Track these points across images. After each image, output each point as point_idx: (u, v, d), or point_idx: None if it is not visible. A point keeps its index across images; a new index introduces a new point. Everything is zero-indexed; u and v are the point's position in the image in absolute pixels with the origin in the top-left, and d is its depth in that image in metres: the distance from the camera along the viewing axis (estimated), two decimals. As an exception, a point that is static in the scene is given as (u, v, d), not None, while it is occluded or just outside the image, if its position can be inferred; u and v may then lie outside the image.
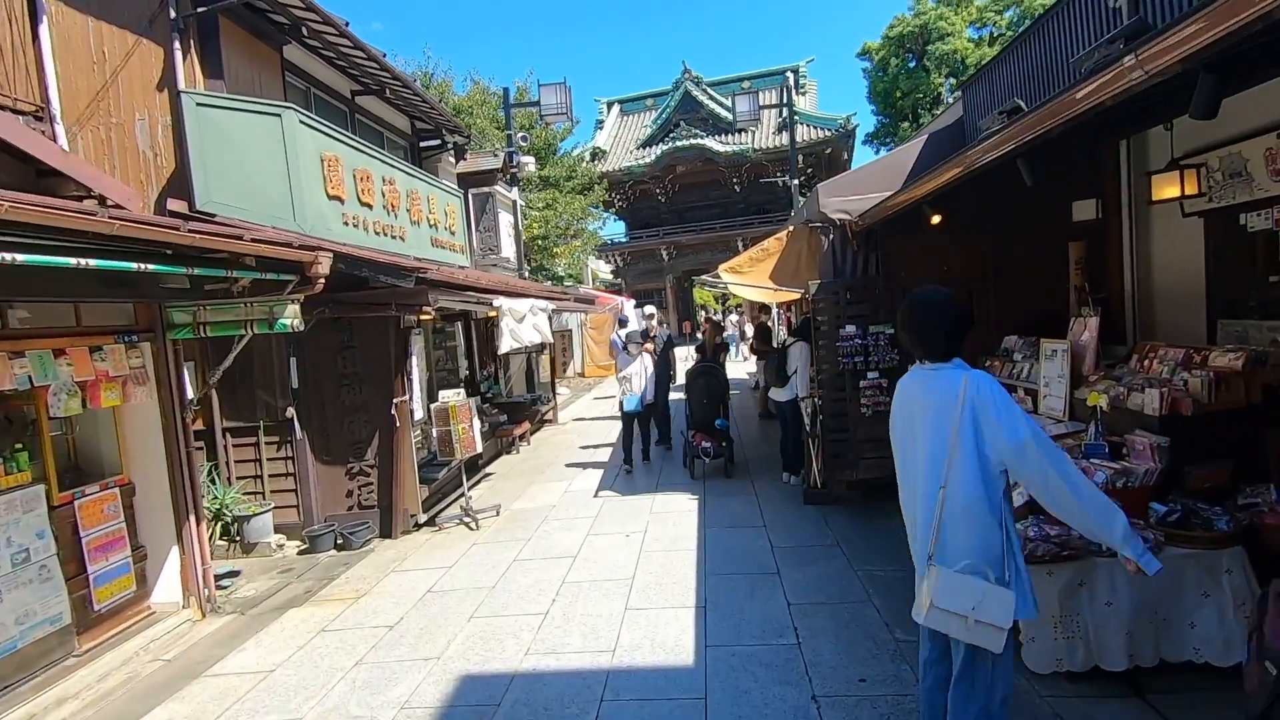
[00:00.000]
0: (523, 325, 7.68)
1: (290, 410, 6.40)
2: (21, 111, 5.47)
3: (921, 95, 29.84)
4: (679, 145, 29.17)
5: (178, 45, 6.19)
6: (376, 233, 8.00)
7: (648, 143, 31.34)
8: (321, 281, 4.93)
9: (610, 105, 35.26)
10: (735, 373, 14.17)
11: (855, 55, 33.08)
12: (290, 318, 4.75)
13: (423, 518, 6.63)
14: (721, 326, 9.29)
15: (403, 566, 5.66)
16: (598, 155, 29.66)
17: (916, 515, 2.59)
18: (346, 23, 7.64)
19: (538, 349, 12.25)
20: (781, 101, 22.06)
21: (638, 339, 8.04)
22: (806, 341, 6.61)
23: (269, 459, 6.53)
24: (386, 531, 6.50)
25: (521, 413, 10.86)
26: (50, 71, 5.85)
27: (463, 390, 6.62)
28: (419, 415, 6.62)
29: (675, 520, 6.09)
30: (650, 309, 8.81)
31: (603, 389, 17.74)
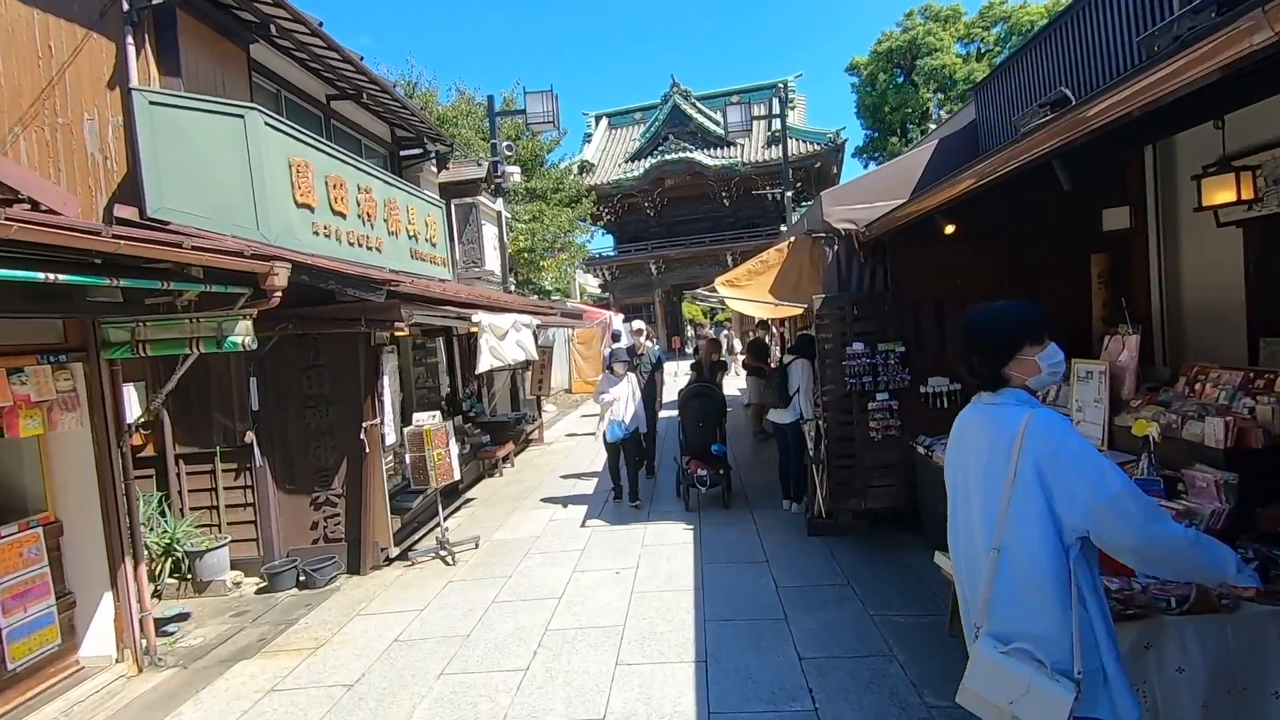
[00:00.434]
0: (505, 342, 7.21)
1: (250, 435, 5.87)
2: (-53, 107, 4.97)
3: (910, 110, 29.81)
4: (668, 158, 28.90)
5: (131, 40, 5.73)
6: (351, 243, 7.54)
7: (636, 156, 31.07)
8: (278, 295, 4.44)
9: (598, 119, 35.03)
10: (725, 390, 13.74)
11: (844, 70, 33.13)
12: (241, 335, 4.26)
13: (394, 551, 6.10)
14: (719, 342, 8.83)
15: (369, 609, 5.13)
16: (585, 169, 29.31)
17: (964, 578, 2.14)
18: (320, 22, 7.19)
19: (522, 366, 11.76)
20: (772, 113, 21.84)
21: (623, 356, 7.43)
22: (807, 358, 6.18)
23: (226, 488, 5.99)
24: (355, 567, 5.96)
25: (505, 433, 10.34)
26: (-14, 65, 5.37)
27: (438, 413, 6.13)
28: (391, 440, 6.12)
29: (669, 554, 5.61)
30: (638, 323, 8.23)
31: (590, 406, 17.23)
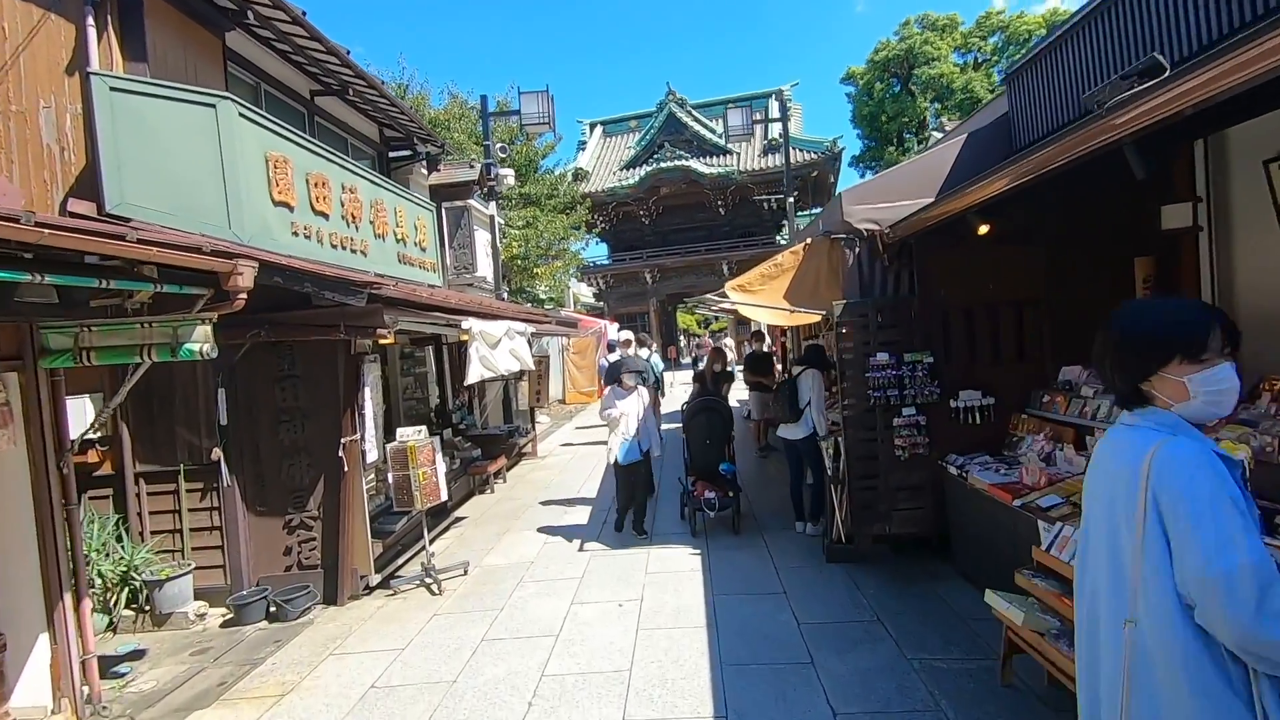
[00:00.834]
0: (497, 351, 6.74)
1: (217, 451, 5.37)
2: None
3: (907, 119, 29.62)
4: (663, 166, 28.57)
5: (92, 21, 5.29)
6: (333, 245, 7.06)
7: (631, 164, 30.73)
8: (242, 298, 3.96)
9: (593, 126, 34.72)
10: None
11: (839, 80, 32.95)
12: (199, 342, 3.78)
13: (375, 579, 5.59)
14: (722, 352, 8.38)
15: (345, 646, 4.61)
16: (580, 176, 28.95)
17: (1084, 658, 1.68)
18: (303, 11, 6.75)
19: (515, 376, 11.27)
20: (768, 118, 21.55)
21: (635, 366, 6.65)
22: (817, 369, 5.73)
23: (191, 510, 5.47)
24: (331, 596, 5.45)
25: (498, 446, 9.85)
26: (-75, 44, 4.90)
27: (424, 428, 5.64)
28: (373, 457, 5.62)
29: (676, 584, 5.12)
30: (625, 334, 7.70)
31: (584, 417, 16.76)
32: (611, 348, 15.36)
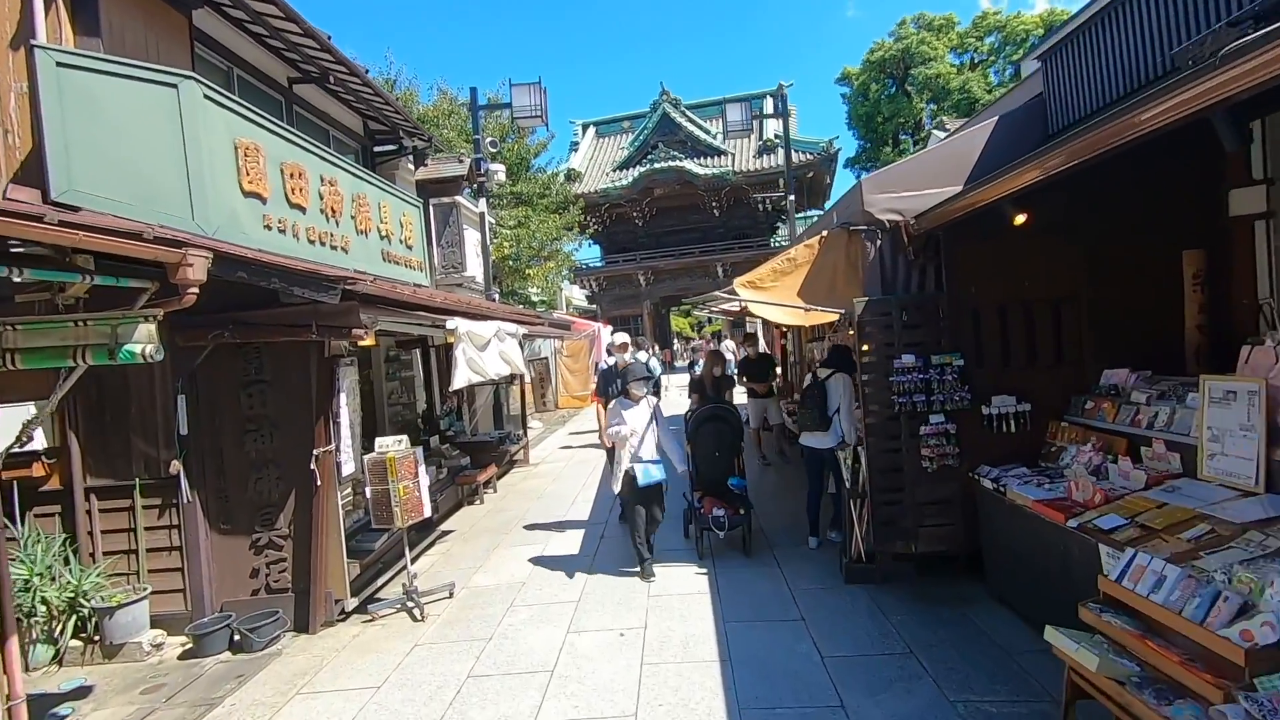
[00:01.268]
0: (486, 353, 6.27)
1: (176, 464, 4.87)
2: None
3: (903, 120, 29.35)
4: (657, 167, 28.16)
5: (39, -9, 4.80)
6: (311, 241, 6.60)
7: (625, 165, 30.31)
8: (193, 292, 3.50)
9: (585, 127, 34.29)
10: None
11: (835, 80, 32.69)
12: (142, 343, 3.30)
13: (352, 603, 5.10)
14: (721, 355, 7.93)
15: (315, 683, 4.13)
16: (572, 177, 28.49)
17: None
18: (279, -10, 6.29)
19: (506, 381, 10.80)
20: (765, 113, 21.18)
21: (641, 373, 5.62)
22: (846, 372, 5.30)
23: (148, 529, 4.97)
24: (303, 623, 4.96)
25: (488, 454, 9.37)
26: None
27: (405, 438, 5.16)
28: (349, 470, 5.14)
29: (683, 609, 4.66)
30: (621, 336, 7.11)
31: (578, 422, 16.29)
32: (609, 351, 14.86)
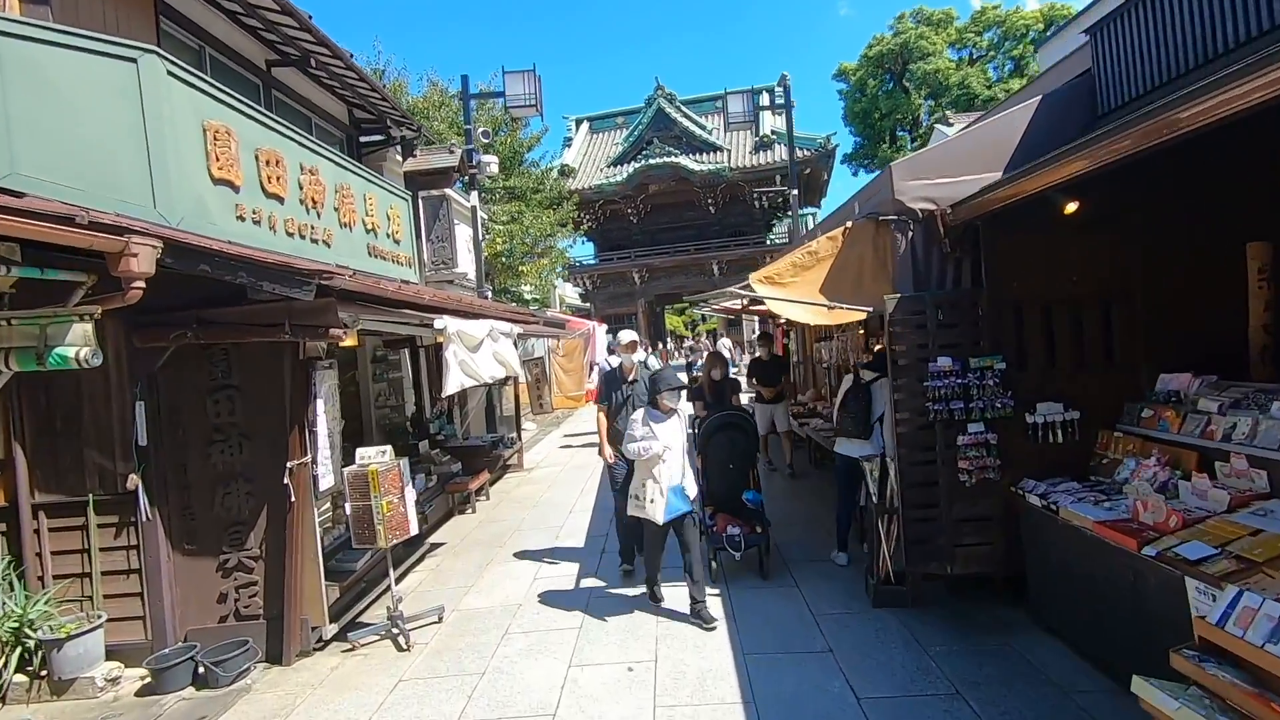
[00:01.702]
0: (479, 354, 5.81)
1: (134, 478, 4.39)
2: None
3: (901, 116, 29.00)
4: (652, 163, 27.68)
5: (-22, -48, 4.30)
6: (289, 233, 6.14)
7: (619, 160, 29.84)
8: (138, 287, 3.04)
9: (579, 123, 33.80)
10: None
11: (831, 76, 32.30)
12: (75, 346, 2.84)
13: (330, 630, 4.64)
14: (721, 356, 7.46)
15: (286, 727, 3.67)
16: (566, 173, 27.99)
17: None
18: (252, -40, 5.81)
19: (500, 382, 10.33)
20: (760, 106, 20.70)
21: (675, 382, 4.61)
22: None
23: (103, 549, 4.48)
24: (275, 653, 4.49)
25: (480, 459, 8.89)
26: None
27: (388, 448, 4.70)
28: (328, 483, 4.67)
29: (697, 639, 4.22)
30: (629, 334, 6.28)
31: (573, 424, 15.84)
32: (611, 350, 14.38)
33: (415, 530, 4.74)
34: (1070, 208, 3.89)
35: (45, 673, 4.24)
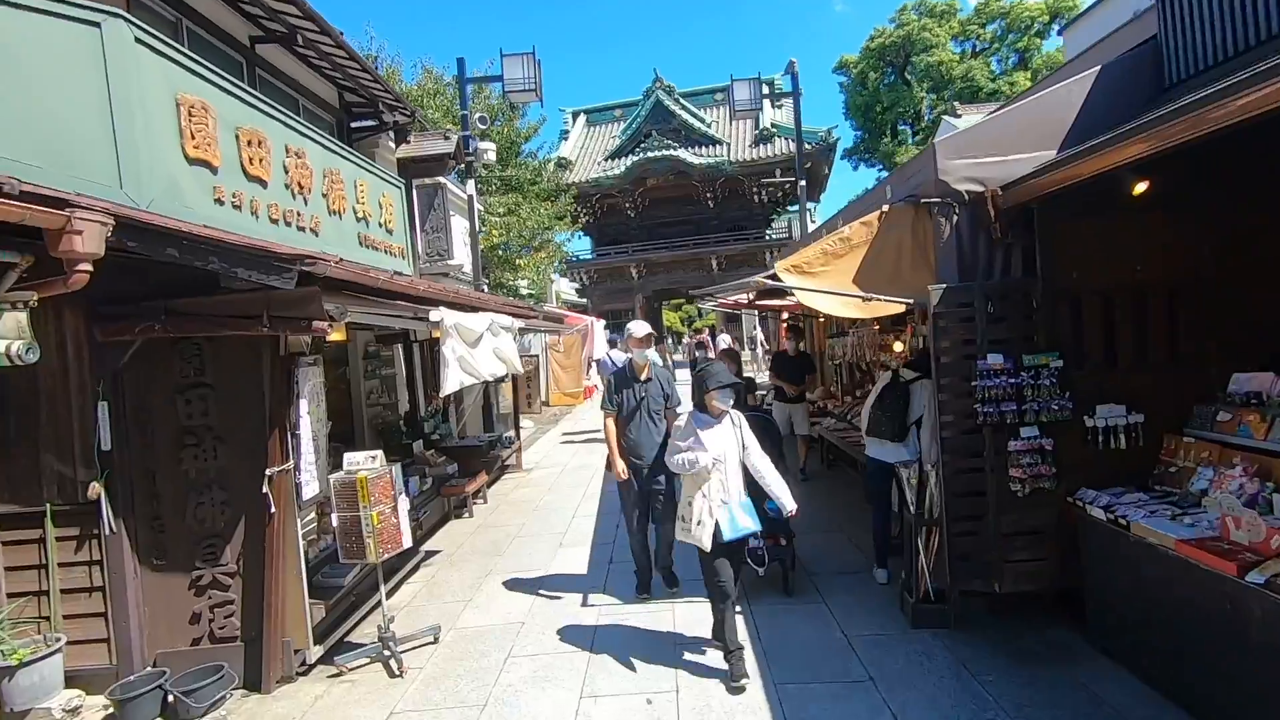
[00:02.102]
0: (479, 350, 5.39)
1: (97, 487, 3.96)
2: None
3: (903, 110, 28.61)
4: (650, 156, 27.22)
5: (-82, -100, 3.84)
6: (273, 219, 5.75)
7: (617, 154, 29.36)
8: (84, 269, 2.61)
9: (576, 115, 33.29)
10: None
11: (832, 70, 31.89)
12: (7, 339, 2.42)
13: (315, 652, 4.22)
14: (735, 353, 7.03)
15: (262, 770, 3.26)
16: (563, 166, 27.53)
17: None
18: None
19: (500, 379, 9.90)
20: (758, 97, 20.34)
21: (725, 379, 3.85)
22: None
23: (62, 565, 4.05)
24: (254, 679, 4.08)
25: (477, 460, 8.47)
26: None
27: (379, 453, 4.27)
28: (312, 492, 4.25)
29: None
30: (642, 327, 5.09)
31: (571, 422, 15.43)
32: (614, 344, 13.88)
33: (408, 543, 4.33)
34: (1139, 188, 3.49)
35: (-5, 703, 3.81)
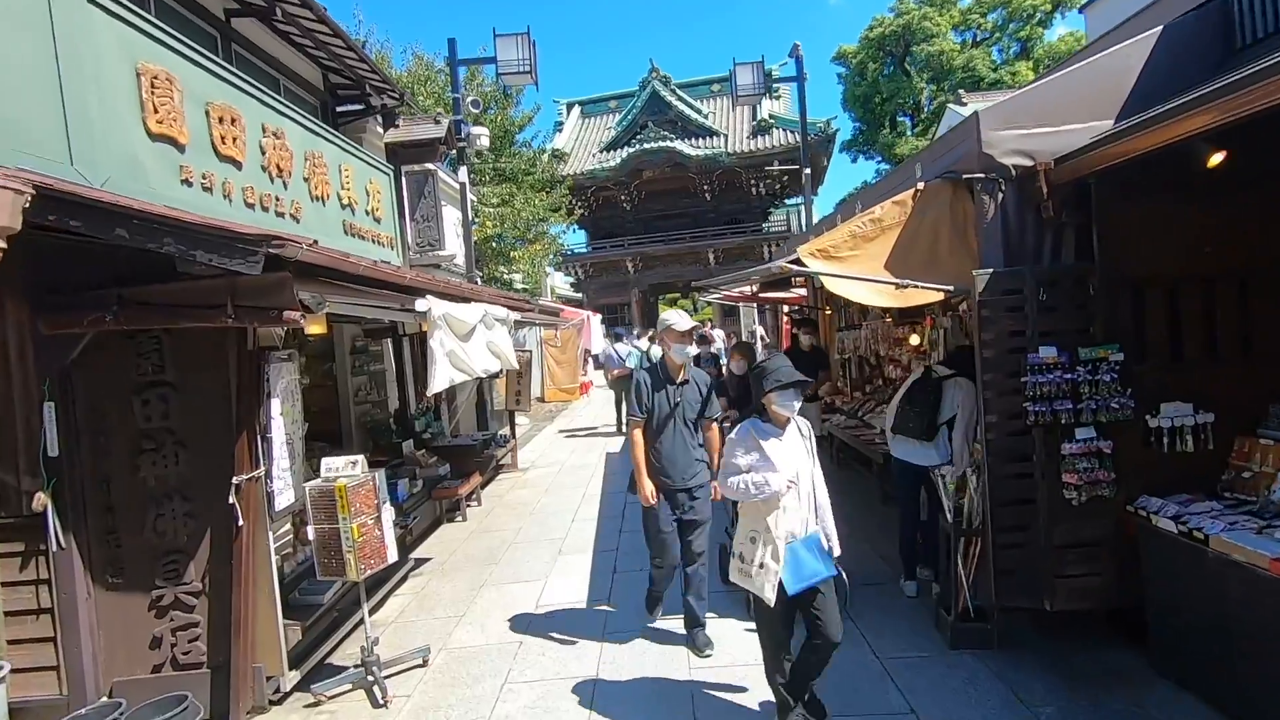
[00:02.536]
0: (470, 344, 4.99)
1: (43, 498, 3.52)
2: None
3: (903, 100, 28.24)
4: (647, 148, 26.77)
5: None
6: (249, 204, 5.34)
7: (612, 145, 28.89)
8: (-5, 246, 2.18)
9: (570, 106, 32.79)
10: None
11: (830, 60, 31.48)
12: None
13: (291, 678, 3.81)
14: (751, 347, 6.61)
15: (224, 823, 2.85)
16: (558, 157, 27.06)
17: None
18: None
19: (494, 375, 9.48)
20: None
21: (794, 376, 3.05)
22: (970, 377, 4.05)
23: (5, 585, 3.62)
24: (222, 710, 3.66)
25: (470, 460, 8.07)
26: None
27: (360, 458, 3.85)
28: (286, 500, 3.83)
29: (743, 696, 3.43)
30: (681, 320, 4.03)
31: (568, 418, 15.04)
32: (619, 337, 13.44)
33: (394, 557, 3.91)
34: (1215, 159, 3.10)
35: (-73, 742, 3.39)
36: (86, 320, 3.48)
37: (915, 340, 6.58)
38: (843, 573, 3.03)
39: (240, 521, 3.60)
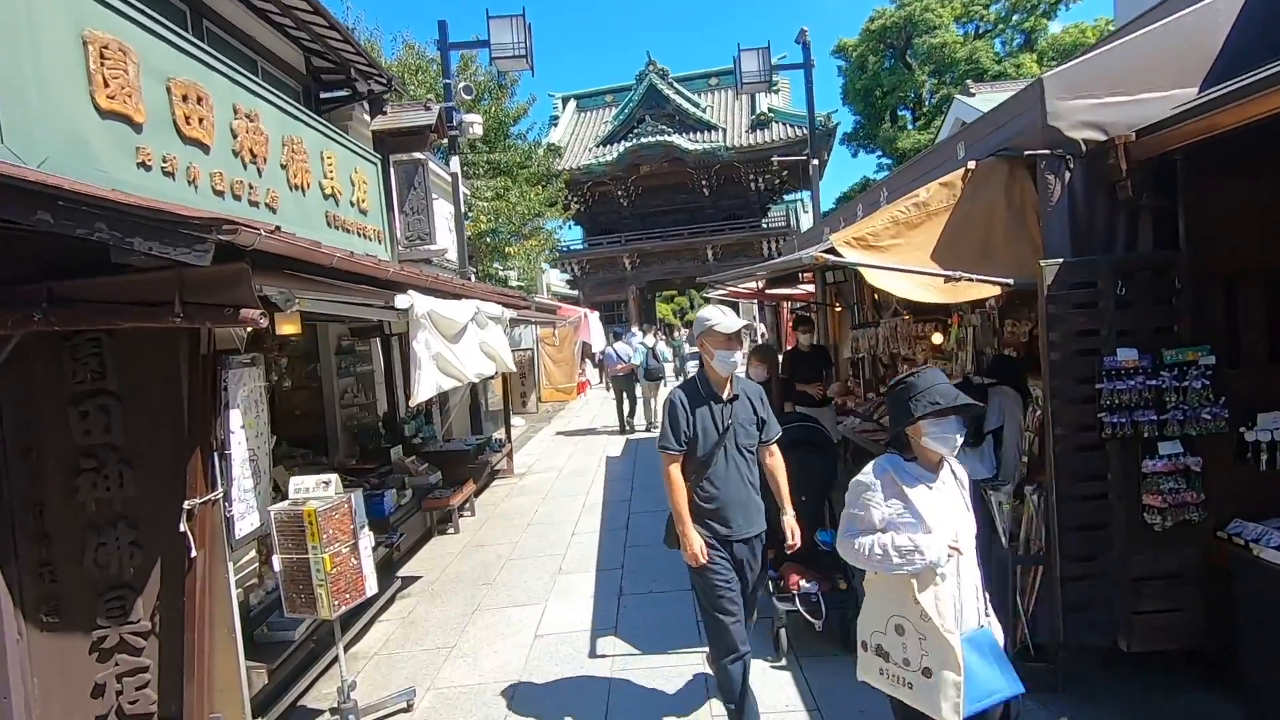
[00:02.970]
0: (461, 345, 4.52)
1: (-36, 525, 3.05)
2: None
3: (904, 93, 27.82)
4: (644, 142, 26.28)
5: None
6: (218, 191, 4.84)
7: (608, 140, 28.39)
8: None
9: (566, 101, 32.28)
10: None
11: (830, 53, 31.02)
12: None
13: (256, 729, 3.34)
14: (771, 350, 6.13)
15: None
16: (554, 152, 26.55)
17: None
18: None
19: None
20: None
21: (949, 396, 2.16)
22: (1015, 387, 3.59)
23: (-77, 625, 3.15)
24: (175, 768, 3.20)
25: (464, 467, 7.58)
26: None
27: (334, 477, 3.38)
28: (249, 526, 3.35)
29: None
30: (722, 317, 3.04)
31: (565, 420, 14.57)
32: (618, 336, 12.97)
33: (373, 589, 3.44)
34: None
35: None
36: (11, 320, 2.98)
37: (938, 339, 6.15)
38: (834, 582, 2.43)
39: (194, 551, 3.12)
